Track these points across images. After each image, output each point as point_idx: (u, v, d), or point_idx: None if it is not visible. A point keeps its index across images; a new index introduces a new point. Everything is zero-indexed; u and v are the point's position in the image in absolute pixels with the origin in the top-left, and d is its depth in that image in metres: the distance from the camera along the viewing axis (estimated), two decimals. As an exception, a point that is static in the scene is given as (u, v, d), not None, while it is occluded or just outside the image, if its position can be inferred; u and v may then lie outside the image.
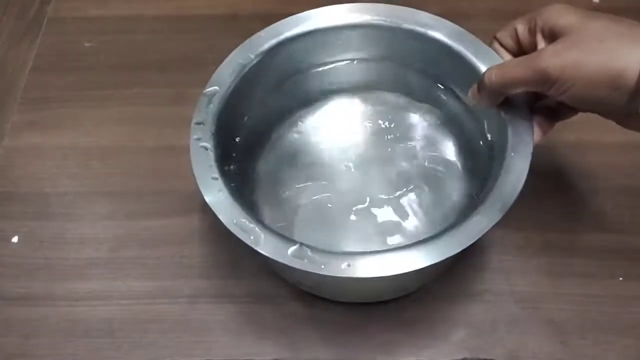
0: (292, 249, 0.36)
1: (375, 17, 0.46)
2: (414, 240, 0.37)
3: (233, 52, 0.44)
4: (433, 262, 0.35)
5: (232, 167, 0.42)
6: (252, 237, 0.36)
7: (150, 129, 0.53)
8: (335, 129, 0.49)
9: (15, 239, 0.48)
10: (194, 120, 0.41)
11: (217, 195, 0.38)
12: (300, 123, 0.49)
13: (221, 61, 0.45)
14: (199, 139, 0.40)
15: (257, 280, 0.44)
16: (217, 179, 0.38)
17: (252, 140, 0.46)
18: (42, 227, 0.48)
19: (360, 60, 0.48)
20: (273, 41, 0.45)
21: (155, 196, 0.49)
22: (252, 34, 0.45)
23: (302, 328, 0.44)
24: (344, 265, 0.35)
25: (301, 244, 0.36)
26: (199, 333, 0.43)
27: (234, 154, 0.43)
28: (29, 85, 0.56)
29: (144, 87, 0.55)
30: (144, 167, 0.51)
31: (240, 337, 0.43)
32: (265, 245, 0.36)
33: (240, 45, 0.44)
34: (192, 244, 0.47)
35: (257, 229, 0.36)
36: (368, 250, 0.37)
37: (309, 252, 0.36)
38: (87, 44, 0.58)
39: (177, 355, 0.43)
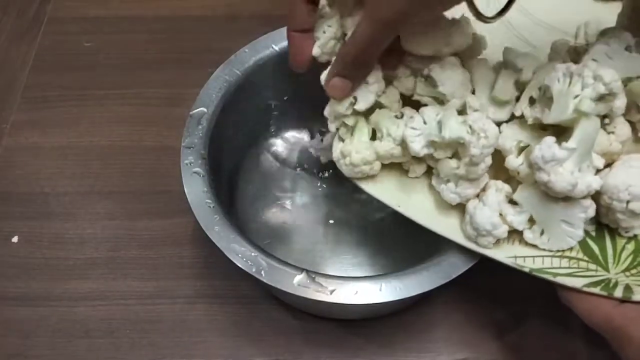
0: (298, 278, 0.36)
1: None
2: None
3: (218, 69, 0.44)
4: (439, 284, 0.36)
5: (221, 184, 0.42)
6: (254, 269, 0.37)
7: (150, 129, 0.53)
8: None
9: (15, 239, 0.48)
10: (184, 144, 0.41)
11: (215, 224, 0.38)
12: (283, 137, 0.50)
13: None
14: (190, 164, 0.40)
15: (256, 281, 0.44)
16: (212, 206, 0.39)
17: (235, 156, 0.47)
18: (42, 227, 0.48)
19: None
20: (258, 56, 0.45)
21: (155, 196, 0.49)
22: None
23: (303, 328, 0.44)
24: (351, 292, 0.36)
25: (307, 271, 0.36)
26: (198, 333, 0.44)
27: (221, 172, 0.43)
28: (29, 85, 0.56)
29: (143, 87, 0.55)
30: (143, 167, 0.51)
31: (239, 337, 0.43)
32: (268, 275, 0.36)
33: (226, 61, 0.45)
34: (192, 245, 0.47)
35: (259, 258, 0.37)
36: (373, 275, 0.38)
37: (315, 280, 0.36)
38: (86, 44, 0.58)
39: (177, 355, 0.43)
